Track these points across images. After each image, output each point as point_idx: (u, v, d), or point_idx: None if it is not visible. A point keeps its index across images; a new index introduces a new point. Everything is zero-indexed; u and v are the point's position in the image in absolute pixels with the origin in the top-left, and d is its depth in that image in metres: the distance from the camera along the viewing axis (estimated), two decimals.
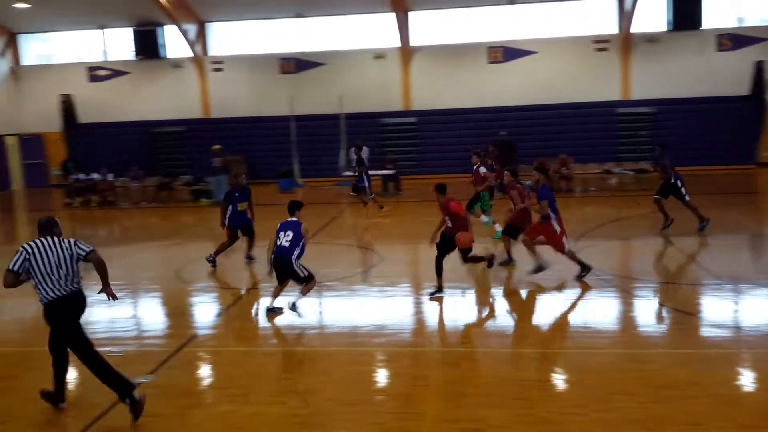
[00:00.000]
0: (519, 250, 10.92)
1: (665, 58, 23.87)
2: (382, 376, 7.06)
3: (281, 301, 8.97)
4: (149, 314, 10.03)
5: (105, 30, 26.50)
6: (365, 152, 21.94)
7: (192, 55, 25.71)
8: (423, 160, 24.72)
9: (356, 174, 17.86)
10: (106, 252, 9.21)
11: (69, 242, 6.05)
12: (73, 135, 26.37)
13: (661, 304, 9.11)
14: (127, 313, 9.90)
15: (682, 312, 8.59)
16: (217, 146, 20.88)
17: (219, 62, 25.99)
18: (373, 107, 24.90)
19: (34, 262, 5.84)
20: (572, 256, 10.07)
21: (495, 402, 6.07)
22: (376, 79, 25.01)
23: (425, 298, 9.72)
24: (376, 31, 25.23)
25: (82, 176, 21.99)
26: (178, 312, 9.92)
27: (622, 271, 11.44)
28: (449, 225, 9.39)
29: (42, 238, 5.99)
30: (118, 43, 26.67)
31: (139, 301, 10.61)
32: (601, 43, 24.17)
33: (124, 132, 26.19)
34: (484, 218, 13.13)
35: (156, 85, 26.42)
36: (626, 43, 23.95)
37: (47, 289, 5.86)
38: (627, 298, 9.53)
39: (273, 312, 8.91)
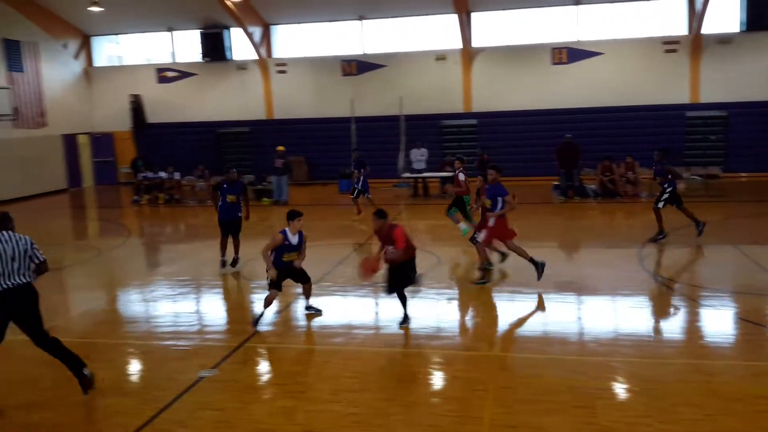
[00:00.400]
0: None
1: (738, 60, 22.98)
2: (438, 379, 7.04)
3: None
4: (212, 310, 10.27)
5: (173, 32, 27.29)
6: (424, 153, 21.95)
7: (256, 57, 26.22)
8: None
9: (357, 178, 18.12)
10: (172, 248, 9.44)
11: (25, 239, 6.44)
12: (142, 134, 27.25)
13: (736, 315, 8.78)
14: (191, 308, 10.16)
15: (753, 323, 8.26)
16: (280, 147, 21.20)
17: (282, 64, 26.40)
18: (434, 109, 24.84)
19: None
20: (482, 251, 10.55)
21: (554, 409, 5.97)
22: (436, 80, 24.95)
23: (482, 301, 9.65)
24: (438, 32, 25.17)
25: (150, 174, 22.71)
26: (240, 308, 10.13)
27: (689, 279, 11.08)
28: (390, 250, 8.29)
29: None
30: (185, 46, 27.42)
31: (202, 296, 10.88)
32: (670, 44, 23.45)
33: (190, 132, 26.89)
34: (462, 225, 13.11)
35: (221, 87, 27.04)
36: (696, 44, 23.17)
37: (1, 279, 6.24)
38: (694, 307, 9.23)
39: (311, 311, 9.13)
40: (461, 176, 13.55)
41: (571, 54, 24.14)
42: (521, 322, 8.77)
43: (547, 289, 10.00)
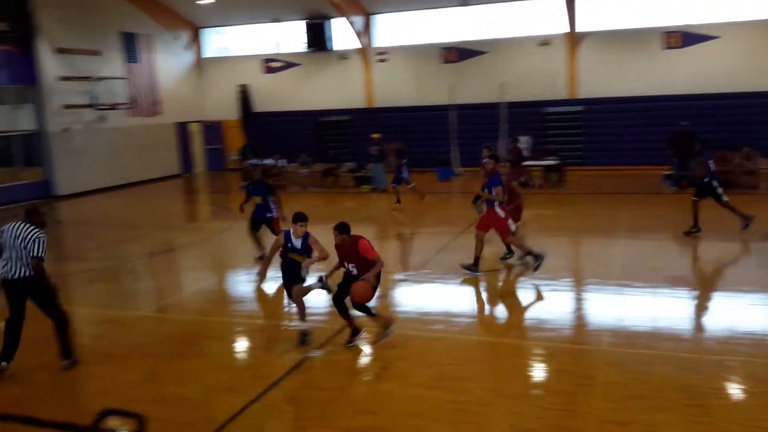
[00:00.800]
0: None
1: None
2: (543, 372, 6.91)
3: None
4: (314, 292, 10.48)
5: (279, 23, 27.99)
6: (526, 142, 21.48)
7: (358, 46, 26.51)
8: (589, 151, 23.77)
9: (397, 167, 17.84)
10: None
11: (31, 233, 6.82)
12: (249, 123, 28.23)
13: None
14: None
15: None
16: (376, 134, 21.40)
17: (383, 53, 26.56)
18: (536, 96, 24.27)
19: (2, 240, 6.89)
20: (519, 244, 10.31)
21: (666, 407, 5.73)
22: (539, 66, 24.33)
23: (588, 294, 9.38)
24: (541, 17, 24.52)
25: (256, 161, 23.50)
26: None
27: None
28: (353, 271, 7.39)
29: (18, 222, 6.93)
30: (290, 36, 28.07)
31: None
32: None
33: (294, 120, 27.59)
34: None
35: (323, 76, 27.54)
36: None
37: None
38: None
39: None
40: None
41: (685, 38, 22.89)
42: (629, 316, 8.44)
43: (656, 284, 9.59)
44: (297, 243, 7.79)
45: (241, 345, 8.13)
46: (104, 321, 9.10)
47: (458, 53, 25.40)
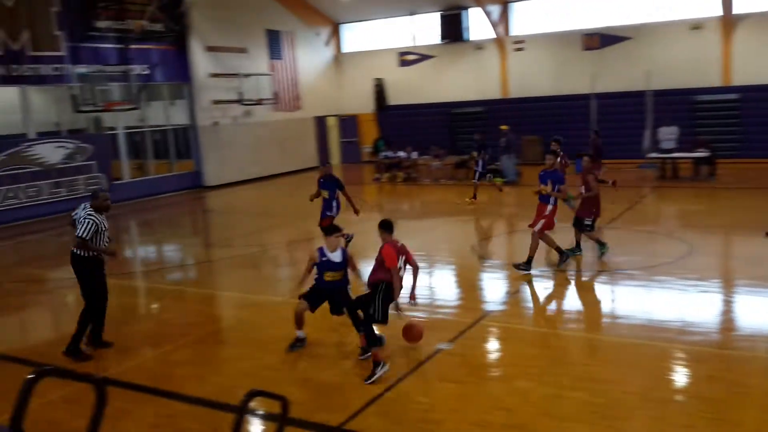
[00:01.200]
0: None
1: None
2: (691, 377, 6.47)
3: None
4: (446, 285, 10.49)
5: (414, 16, 28.15)
6: (674, 132, 20.20)
7: (494, 36, 26.10)
8: (746, 141, 21.96)
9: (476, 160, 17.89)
10: (408, 224, 9.80)
11: (84, 215, 7.46)
12: (383, 115, 28.66)
13: None
14: (426, 282, 10.47)
15: None
16: (504, 126, 21.01)
17: (520, 41, 25.96)
18: (685, 83, 22.72)
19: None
20: (549, 240, 10.17)
21: None
22: (690, 52, 22.74)
23: (740, 297, 8.68)
24: None
25: (390, 154, 23.84)
26: (473, 286, 10.22)
27: None
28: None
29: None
30: (425, 29, 28.15)
31: (436, 271, 11.16)
32: None
33: (427, 113, 27.67)
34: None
35: (458, 68, 27.37)
36: None
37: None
38: None
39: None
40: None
41: None
42: None
43: None
44: (335, 257, 7.22)
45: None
46: (247, 305, 9.59)
47: (601, 39, 24.28)
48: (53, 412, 6.10)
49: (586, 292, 9.48)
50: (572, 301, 9.11)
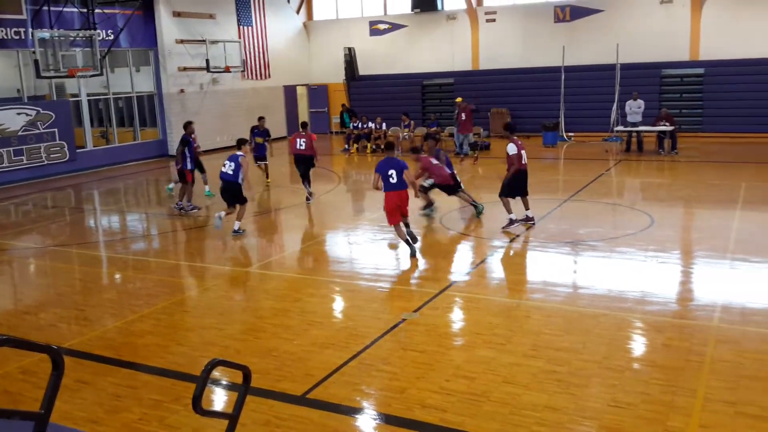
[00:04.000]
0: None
1: None
2: (648, 346, 6.61)
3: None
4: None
5: None
6: (640, 105, 20.39)
7: (465, 6, 25.94)
8: (709, 116, 22.28)
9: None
10: (377, 195, 9.83)
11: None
12: (353, 86, 28.40)
13: None
14: (392, 253, 10.50)
15: None
16: (459, 99, 21.30)
17: (492, 12, 25.85)
18: (654, 57, 22.91)
19: None
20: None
21: None
22: (659, 26, 22.87)
23: (698, 268, 8.88)
24: None
25: (358, 125, 23.67)
26: (439, 256, 10.28)
27: None
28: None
29: None
30: None
31: (401, 243, 11.19)
32: None
33: (397, 83, 27.47)
34: None
35: (429, 38, 27.18)
36: None
37: None
38: None
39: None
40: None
41: None
42: (744, 292, 7.91)
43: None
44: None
45: (339, 304, 8.29)
46: (214, 276, 9.53)
47: (572, 11, 24.33)
48: (10, 383, 6.03)
49: (547, 261, 9.60)
50: (535, 271, 9.22)
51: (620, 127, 20.59)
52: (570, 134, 23.01)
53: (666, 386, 5.54)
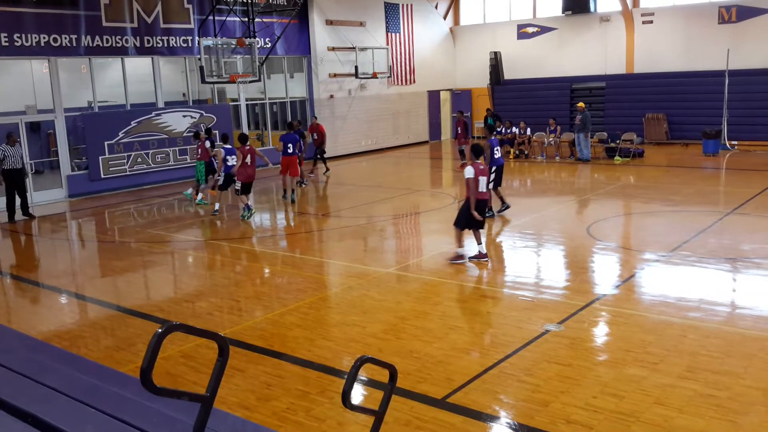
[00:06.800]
0: None
1: None
2: None
3: None
4: (556, 265, 10.21)
5: None
6: None
7: (620, 8, 24.84)
8: None
9: None
10: (519, 202, 9.57)
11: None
12: (498, 90, 28.07)
13: None
14: (536, 261, 10.23)
15: None
16: (581, 104, 20.45)
17: (650, 14, 24.56)
18: None
19: None
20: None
21: None
22: None
23: None
24: None
25: (502, 129, 23.34)
26: (585, 268, 9.89)
27: None
28: None
29: None
30: (547, 0, 27.20)
31: (546, 251, 10.89)
32: None
33: (544, 87, 26.83)
34: None
35: (580, 41, 26.30)
36: None
37: None
38: None
39: None
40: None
41: None
42: None
43: None
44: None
45: (479, 310, 8.19)
46: (354, 275, 9.77)
47: (738, 12, 22.59)
48: (172, 366, 6.50)
49: (707, 280, 8.94)
50: (692, 288, 8.62)
51: None
52: (734, 142, 21.36)
53: None
